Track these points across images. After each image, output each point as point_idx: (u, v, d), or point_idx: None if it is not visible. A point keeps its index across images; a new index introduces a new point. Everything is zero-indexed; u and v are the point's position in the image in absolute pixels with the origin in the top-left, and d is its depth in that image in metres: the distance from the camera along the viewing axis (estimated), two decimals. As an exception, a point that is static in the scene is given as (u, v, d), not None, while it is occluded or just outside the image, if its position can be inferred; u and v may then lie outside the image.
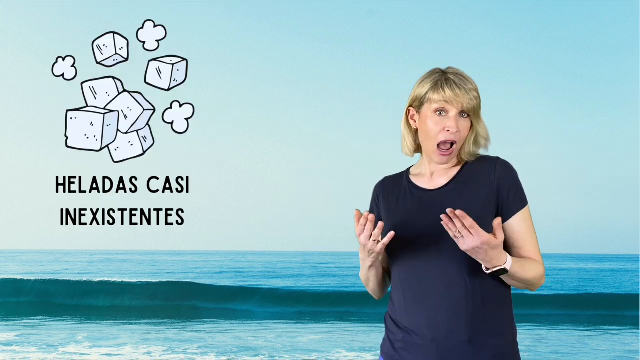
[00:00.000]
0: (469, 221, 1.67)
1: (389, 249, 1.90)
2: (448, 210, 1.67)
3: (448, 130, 1.85)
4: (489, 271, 1.76)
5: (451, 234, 1.71)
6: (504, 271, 1.76)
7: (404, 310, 1.89)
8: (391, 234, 1.77)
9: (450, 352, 1.81)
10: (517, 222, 1.86)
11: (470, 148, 1.90)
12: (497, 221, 1.69)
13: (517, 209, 1.86)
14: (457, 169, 1.92)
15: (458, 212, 1.66)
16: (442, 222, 1.70)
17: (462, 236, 1.69)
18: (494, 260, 1.73)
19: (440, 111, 1.86)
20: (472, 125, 1.89)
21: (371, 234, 1.78)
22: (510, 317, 1.89)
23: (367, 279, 1.99)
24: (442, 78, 1.87)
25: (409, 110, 1.95)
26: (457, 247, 1.76)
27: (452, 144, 1.87)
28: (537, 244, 1.88)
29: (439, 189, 1.91)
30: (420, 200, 1.91)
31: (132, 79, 4.89)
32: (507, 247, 1.89)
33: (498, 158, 1.91)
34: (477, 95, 1.87)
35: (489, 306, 1.83)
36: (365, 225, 1.78)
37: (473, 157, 1.92)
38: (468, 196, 1.86)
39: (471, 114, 1.87)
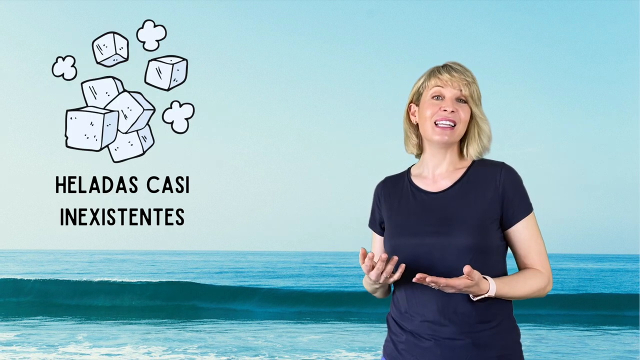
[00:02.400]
0: (442, 282, 1.68)
1: (392, 252, 1.89)
2: (418, 277, 1.68)
3: (445, 110, 1.85)
4: (475, 299, 1.78)
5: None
6: (490, 297, 1.78)
7: (407, 313, 1.88)
8: (399, 264, 1.78)
9: (454, 354, 1.80)
10: (521, 230, 1.85)
11: (476, 147, 1.89)
12: (467, 269, 1.68)
13: (521, 215, 1.85)
14: (461, 172, 1.90)
15: (428, 279, 1.68)
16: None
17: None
18: (477, 291, 1.75)
19: (437, 96, 1.87)
20: (472, 117, 1.88)
21: (382, 272, 1.76)
22: (512, 319, 1.88)
23: (373, 291, 1.98)
24: (439, 66, 1.90)
25: (410, 107, 1.96)
26: (460, 250, 1.77)
27: (453, 126, 1.85)
28: (543, 251, 1.86)
29: (442, 191, 1.89)
30: (423, 203, 1.89)
31: (132, 79, 4.89)
32: (512, 255, 1.89)
33: (503, 163, 1.89)
34: (475, 82, 1.87)
35: (492, 308, 1.83)
36: (370, 265, 1.75)
37: (479, 157, 1.90)
38: (471, 200, 1.84)
39: (469, 100, 1.86)
